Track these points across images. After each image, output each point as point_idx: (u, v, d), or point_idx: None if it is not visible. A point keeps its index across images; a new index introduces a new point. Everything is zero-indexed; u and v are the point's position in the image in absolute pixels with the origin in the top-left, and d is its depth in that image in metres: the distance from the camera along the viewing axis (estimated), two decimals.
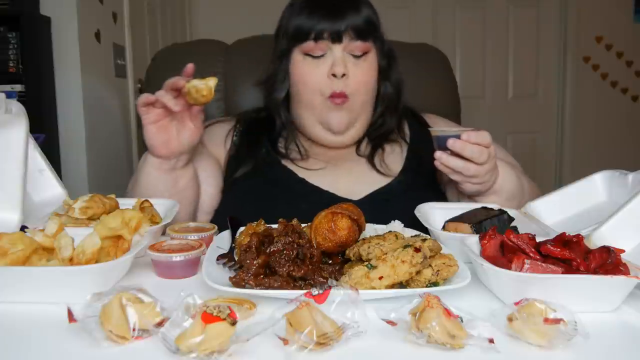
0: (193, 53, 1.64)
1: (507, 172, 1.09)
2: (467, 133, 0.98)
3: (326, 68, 1.14)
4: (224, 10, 3.57)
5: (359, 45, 1.15)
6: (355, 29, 1.13)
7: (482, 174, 1.00)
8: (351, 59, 1.15)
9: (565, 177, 3.82)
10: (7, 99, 0.93)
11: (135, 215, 0.78)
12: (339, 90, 1.13)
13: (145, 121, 1.00)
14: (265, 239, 0.78)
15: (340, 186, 1.16)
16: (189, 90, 0.96)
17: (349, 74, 1.14)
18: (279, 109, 1.24)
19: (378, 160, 1.22)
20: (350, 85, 1.14)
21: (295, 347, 0.55)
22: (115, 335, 0.57)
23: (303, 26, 1.14)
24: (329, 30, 1.13)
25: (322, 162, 1.21)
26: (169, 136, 1.02)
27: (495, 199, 1.07)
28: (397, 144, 1.26)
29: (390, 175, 1.19)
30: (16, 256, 0.69)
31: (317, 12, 1.14)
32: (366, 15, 1.15)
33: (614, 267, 0.69)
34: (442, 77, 1.67)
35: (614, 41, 3.79)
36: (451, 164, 0.99)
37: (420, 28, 3.70)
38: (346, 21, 1.13)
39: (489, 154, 0.99)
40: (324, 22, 1.13)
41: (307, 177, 1.18)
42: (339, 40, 1.13)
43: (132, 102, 2.84)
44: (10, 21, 2.03)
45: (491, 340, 0.57)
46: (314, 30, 1.13)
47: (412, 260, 0.69)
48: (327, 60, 1.14)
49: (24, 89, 2.05)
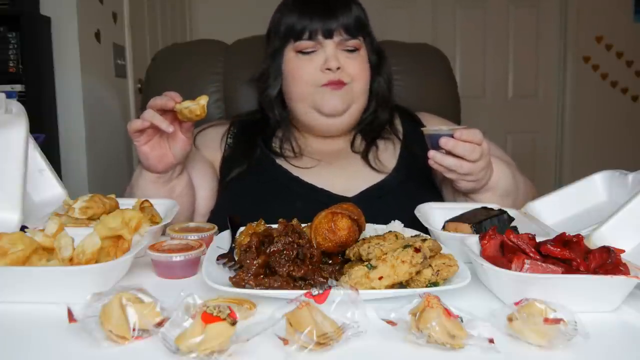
0: (193, 53, 1.64)
1: (502, 169, 1.10)
2: (458, 131, 0.99)
3: (319, 63, 1.17)
4: (224, 10, 3.57)
5: (349, 42, 1.18)
6: (346, 26, 1.17)
7: (476, 171, 1.01)
8: (343, 54, 1.19)
9: (565, 177, 3.81)
10: (7, 99, 0.93)
11: (135, 215, 0.78)
12: (335, 79, 1.17)
13: (138, 144, 1.01)
14: (265, 239, 0.78)
15: (334, 183, 1.17)
16: (181, 110, 0.96)
17: (343, 66, 1.17)
18: (272, 105, 1.26)
19: (372, 156, 1.23)
20: (346, 76, 1.18)
21: (295, 347, 0.55)
22: (115, 335, 0.57)
23: (296, 25, 1.18)
24: (322, 28, 1.16)
25: (315, 160, 1.23)
26: (162, 152, 1.03)
27: (490, 196, 1.08)
28: (390, 141, 1.28)
29: (384, 172, 1.20)
30: (16, 256, 0.69)
31: (309, 11, 1.17)
32: (356, 13, 1.19)
33: (614, 267, 0.69)
34: (442, 77, 1.67)
35: (614, 41, 3.79)
36: (445, 162, 1.00)
37: (420, 28, 3.70)
38: (338, 19, 1.16)
39: (482, 151, 1.00)
40: (317, 20, 1.16)
41: (301, 175, 1.19)
42: (331, 37, 1.17)
43: (132, 102, 2.84)
44: (10, 21, 2.03)
45: (491, 340, 0.57)
46: (307, 29, 1.17)
47: (412, 260, 0.69)
48: (319, 56, 1.18)
49: (24, 89, 2.05)
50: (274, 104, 1.26)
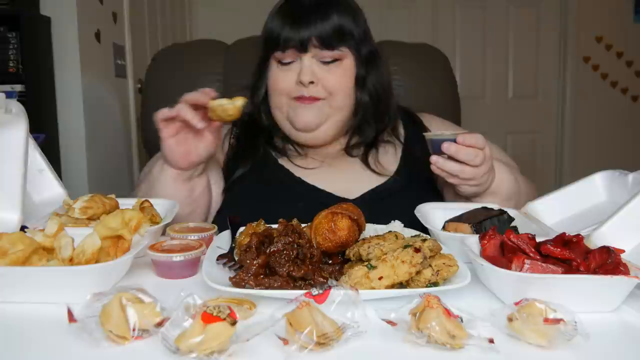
0: (193, 53, 1.64)
1: (504, 173, 1.10)
2: (461, 136, 0.98)
3: (294, 75, 1.14)
4: (224, 10, 3.57)
5: (326, 53, 1.13)
6: (321, 37, 1.12)
7: (479, 176, 1.00)
8: (321, 66, 1.14)
9: (565, 177, 3.81)
10: (7, 99, 0.93)
11: (135, 215, 0.78)
12: (308, 95, 1.13)
13: (164, 134, 0.99)
14: (265, 239, 0.78)
15: (336, 185, 1.17)
16: (215, 108, 0.95)
17: (320, 79, 1.13)
18: (260, 112, 1.25)
19: (372, 160, 1.22)
20: (321, 91, 1.14)
21: (295, 347, 0.55)
22: (115, 335, 0.57)
23: (272, 35, 1.15)
24: (294, 39, 1.12)
25: (317, 161, 1.22)
26: (188, 148, 1.01)
27: (492, 200, 1.07)
28: (390, 144, 1.26)
29: (385, 175, 1.20)
30: (16, 256, 0.69)
31: (284, 21, 1.14)
32: (335, 22, 1.12)
33: (614, 267, 0.69)
34: (442, 77, 1.68)
35: (614, 41, 3.79)
36: (447, 167, 0.99)
37: (420, 28, 3.70)
38: (310, 30, 1.11)
39: (484, 156, 0.99)
40: (290, 31, 1.12)
41: (304, 176, 1.19)
42: (304, 49, 1.13)
43: (132, 102, 2.84)
44: (10, 21, 2.03)
45: (491, 340, 0.57)
46: (281, 39, 1.13)
47: (412, 261, 0.69)
48: (295, 67, 1.14)
49: (24, 89, 2.04)
50: (261, 111, 1.24)
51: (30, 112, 0.94)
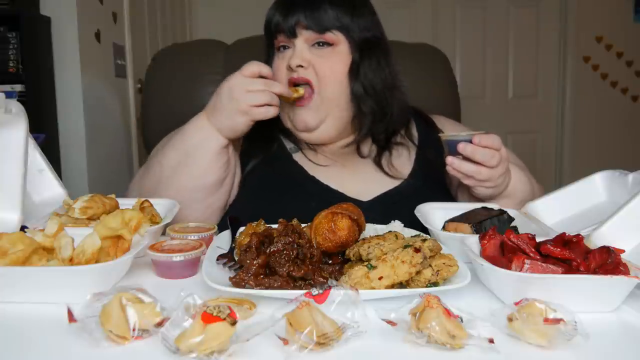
0: (193, 53, 1.64)
1: (519, 176, 1.09)
2: (477, 136, 0.97)
3: (287, 61, 1.15)
4: (224, 10, 3.57)
5: (315, 35, 1.13)
6: (307, 20, 1.12)
7: (495, 177, 1.00)
8: (314, 50, 1.14)
9: (565, 177, 3.81)
10: (7, 99, 0.93)
11: (135, 215, 0.78)
12: (296, 76, 1.13)
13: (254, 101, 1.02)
14: (265, 239, 0.78)
15: (348, 186, 1.15)
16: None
17: (312, 63, 1.13)
18: None
19: (385, 162, 1.20)
20: (311, 74, 1.13)
21: (295, 347, 0.55)
22: (115, 335, 0.57)
23: (267, 23, 1.18)
24: (283, 24, 1.14)
25: (329, 159, 1.20)
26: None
27: (507, 202, 1.06)
28: (404, 147, 1.24)
29: (399, 178, 1.18)
30: (16, 256, 0.69)
31: (276, 8, 1.16)
32: (324, 6, 1.13)
33: (614, 267, 0.69)
34: (442, 77, 1.68)
35: (614, 41, 3.79)
36: (463, 168, 0.99)
37: (420, 28, 3.70)
38: (298, 15, 1.12)
39: (501, 157, 0.98)
40: (279, 16, 1.14)
41: (316, 174, 1.17)
42: (293, 33, 1.13)
43: (132, 102, 2.84)
44: (10, 21, 2.03)
45: (491, 340, 0.57)
46: (272, 25, 1.16)
47: (412, 261, 0.69)
48: (290, 53, 1.15)
49: (24, 89, 2.04)
50: None
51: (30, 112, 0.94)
